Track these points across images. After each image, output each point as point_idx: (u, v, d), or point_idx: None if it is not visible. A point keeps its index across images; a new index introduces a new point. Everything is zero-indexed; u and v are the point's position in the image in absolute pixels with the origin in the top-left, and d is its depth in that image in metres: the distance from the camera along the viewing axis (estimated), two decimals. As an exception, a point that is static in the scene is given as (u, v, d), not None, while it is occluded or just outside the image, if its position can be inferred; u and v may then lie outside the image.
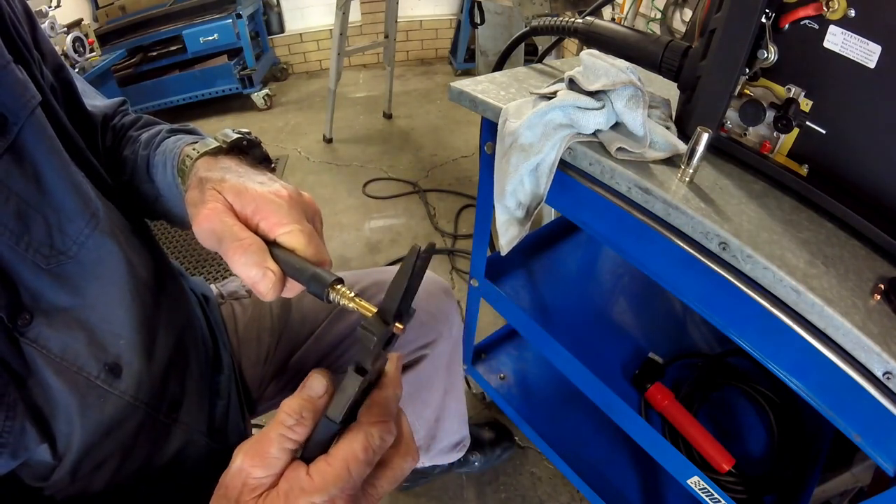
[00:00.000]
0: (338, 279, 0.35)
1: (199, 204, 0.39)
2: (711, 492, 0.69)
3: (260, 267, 0.35)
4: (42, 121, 0.40)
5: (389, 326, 0.32)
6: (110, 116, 0.56)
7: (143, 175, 0.51)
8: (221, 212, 0.37)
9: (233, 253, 0.36)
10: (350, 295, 0.35)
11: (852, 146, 0.49)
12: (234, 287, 0.74)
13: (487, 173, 0.71)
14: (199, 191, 0.40)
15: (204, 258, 1.82)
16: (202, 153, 0.44)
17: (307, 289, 0.36)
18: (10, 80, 0.38)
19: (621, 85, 0.54)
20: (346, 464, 0.31)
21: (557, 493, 1.14)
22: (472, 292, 0.98)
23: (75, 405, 0.41)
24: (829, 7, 0.45)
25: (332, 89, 2.42)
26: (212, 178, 0.40)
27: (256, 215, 0.38)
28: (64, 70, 0.49)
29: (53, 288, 0.39)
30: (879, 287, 0.45)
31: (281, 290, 0.36)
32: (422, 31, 3.56)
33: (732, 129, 0.58)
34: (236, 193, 0.38)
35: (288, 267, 0.36)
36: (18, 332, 0.37)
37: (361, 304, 0.34)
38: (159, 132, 0.52)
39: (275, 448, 0.31)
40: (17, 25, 0.42)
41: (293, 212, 0.38)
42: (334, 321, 0.71)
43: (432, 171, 2.33)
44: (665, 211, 0.52)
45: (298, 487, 0.30)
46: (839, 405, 0.48)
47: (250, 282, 0.36)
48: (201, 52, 2.67)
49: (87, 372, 0.41)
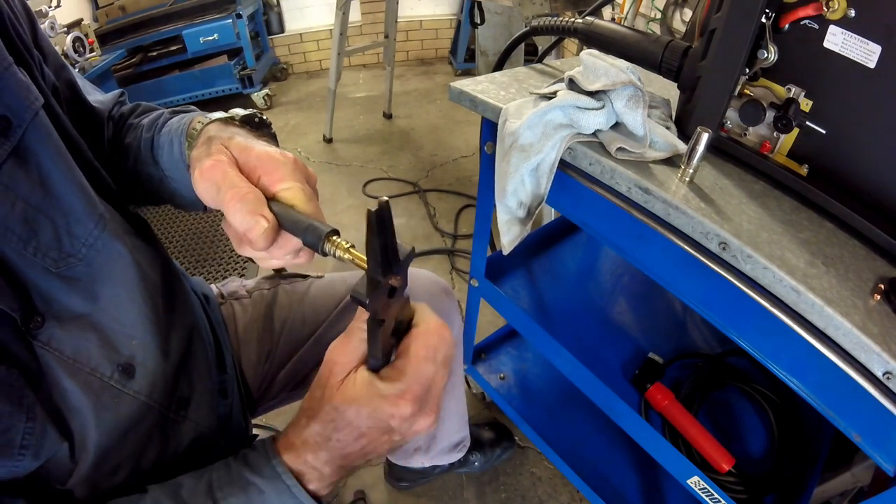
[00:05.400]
0: (333, 230, 0.36)
1: (204, 158, 0.40)
2: (711, 492, 0.69)
3: (254, 214, 0.36)
4: (46, 123, 0.40)
5: (382, 281, 0.33)
6: (110, 109, 0.56)
7: (147, 158, 0.50)
8: (224, 163, 0.39)
9: (229, 199, 0.37)
10: (346, 246, 0.36)
11: (852, 146, 0.49)
12: (234, 287, 0.73)
13: (487, 173, 0.71)
14: (205, 147, 0.41)
15: (204, 258, 1.82)
16: (213, 120, 0.45)
17: (303, 241, 0.37)
18: (12, 83, 0.38)
19: (621, 85, 0.54)
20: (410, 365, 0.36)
21: (557, 493, 1.14)
22: (472, 292, 0.98)
23: (90, 406, 0.41)
24: (829, 7, 0.45)
25: (332, 89, 2.42)
26: (221, 137, 0.41)
27: (258, 170, 0.39)
28: (66, 70, 0.49)
29: (64, 290, 0.39)
30: (879, 287, 0.45)
31: (273, 240, 0.37)
32: (422, 31, 3.56)
33: (732, 129, 0.58)
34: (242, 149, 0.40)
35: (284, 219, 0.37)
36: (31, 336, 0.37)
37: (357, 255, 0.35)
38: (161, 115, 0.52)
39: (355, 339, 0.37)
40: (18, 26, 0.41)
41: (296, 172, 0.39)
42: (335, 322, 0.71)
43: (432, 171, 2.33)
44: (665, 211, 0.52)
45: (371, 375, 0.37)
46: (839, 405, 0.48)
47: (243, 228, 0.37)
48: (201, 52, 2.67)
49: (100, 373, 0.41)
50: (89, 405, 0.41)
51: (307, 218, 0.37)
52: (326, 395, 0.37)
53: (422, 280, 0.77)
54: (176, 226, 1.96)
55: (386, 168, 2.35)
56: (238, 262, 1.81)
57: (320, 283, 0.75)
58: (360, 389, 0.36)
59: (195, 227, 1.97)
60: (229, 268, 1.78)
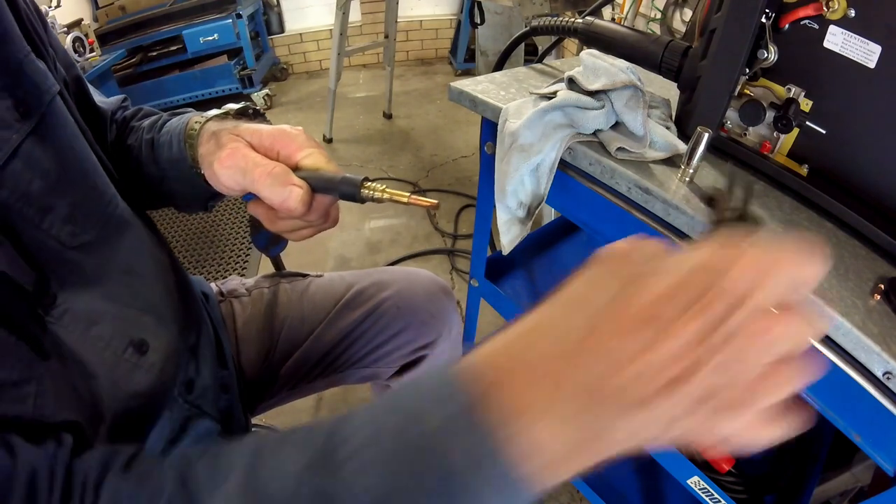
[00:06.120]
0: (365, 177, 0.41)
1: (216, 151, 0.42)
2: (711, 492, 0.69)
3: (286, 185, 0.39)
4: (62, 107, 0.42)
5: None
6: (113, 113, 0.57)
7: (148, 158, 0.52)
8: (242, 148, 0.41)
9: (258, 177, 0.39)
10: (381, 188, 0.40)
11: (852, 146, 0.49)
12: (233, 285, 0.73)
13: (487, 173, 0.71)
14: (213, 142, 0.43)
15: (203, 258, 1.82)
16: (210, 118, 0.47)
17: (339, 194, 0.41)
18: (31, 69, 0.39)
19: (621, 85, 0.54)
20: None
21: (557, 493, 1.14)
22: (472, 292, 0.98)
23: (104, 382, 0.41)
24: (829, 7, 0.45)
25: (332, 89, 2.42)
26: (225, 128, 0.43)
27: (276, 145, 0.41)
28: (74, 68, 0.50)
29: (77, 267, 0.40)
30: (879, 287, 0.45)
31: (310, 204, 0.40)
32: (422, 31, 3.56)
33: (732, 129, 0.58)
34: (253, 133, 0.42)
35: (315, 182, 0.41)
36: (44, 311, 0.37)
37: (395, 193, 0.40)
38: (160, 117, 0.54)
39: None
40: (33, 20, 0.43)
41: (310, 140, 0.43)
42: (334, 321, 0.71)
43: (432, 171, 2.33)
44: (665, 211, 0.52)
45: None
46: (839, 405, 0.48)
47: (279, 200, 0.39)
48: (201, 52, 2.67)
49: (113, 348, 0.42)
50: (103, 381, 0.41)
51: (337, 174, 0.41)
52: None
53: (421, 279, 0.77)
54: (175, 225, 1.96)
55: (386, 168, 2.35)
56: (237, 262, 1.81)
57: (319, 281, 0.75)
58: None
59: (195, 227, 1.97)
60: (228, 267, 1.78)
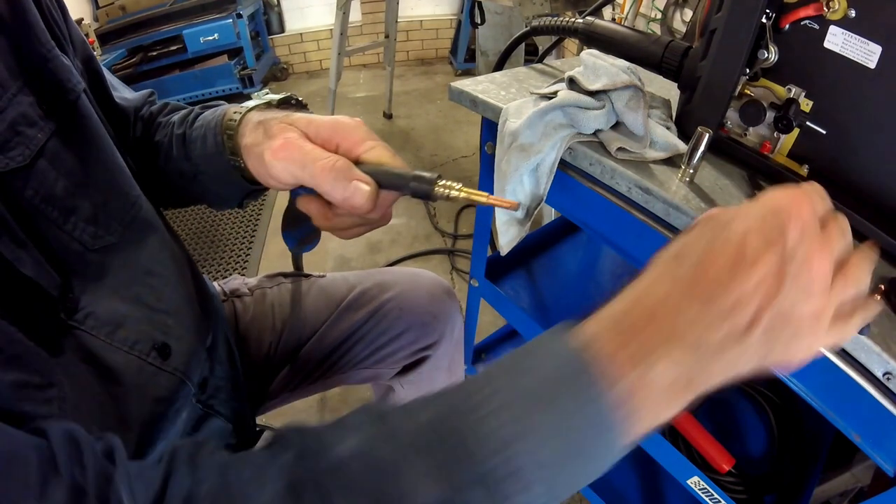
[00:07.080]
0: (439, 175, 0.37)
1: (265, 141, 0.38)
2: (711, 492, 0.69)
3: (351, 181, 0.36)
4: (87, 106, 0.40)
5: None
6: (139, 108, 0.55)
7: (179, 154, 0.49)
8: (297, 139, 0.38)
9: (320, 171, 0.36)
10: (457, 186, 0.36)
11: (852, 146, 0.49)
12: (236, 285, 0.73)
13: (487, 173, 0.71)
14: (261, 131, 0.40)
15: (205, 257, 1.82)
16: (251, 108, 0.44)
17: (411, 192, 0.37)
18: (56, 66, 0.38)
19: (622, 85, 0.54)
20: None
21: (557, 493, 1.14)
22: (472, 292, 0.98)
23: (129, 389, 0.40)
24: (830, 7, 0.45)
25: (333, 89, 2.42)
26: (275, 118, 0.40)
27: (335, 137, 0.38)
28: (93, 61, 0.48)
29: (100, 270, 0.39)
30: (879, 287, 0.45)
31: (376, 201, 0.37)
32: (422, 31, 3.56)
33: (733, 129, 0.58)
34: (308, 123, 0.39)
35: (382, 177, 0.37)
36: (66, 314, 0.37)
37: (471, 192, 0.37)
38: (191, 111, 0.52)
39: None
40: (55, 13, 0.42)
41: (370, 132, 0.39)
42: (336, 321, 0.71)
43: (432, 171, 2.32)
44: (665, 211, 0.52)
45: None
46: (839, 405, 0.48)
47: (342, 196, 0.36)
48: (201, 52, 2.67)
49: (137, 352, 0.41)
50: (126, 385, 0.40)
51: (408, 170, 0.38)
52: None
53: (423, 280, 0.77)
54: (176, 225, 1.97)
55: (386, 168, 2.35)
56: (239, 262, 1.81)
57: (322, 282, 0.75)
58: None
59: (196, 227, 1.97)
60: (230, 267, 1.79)
